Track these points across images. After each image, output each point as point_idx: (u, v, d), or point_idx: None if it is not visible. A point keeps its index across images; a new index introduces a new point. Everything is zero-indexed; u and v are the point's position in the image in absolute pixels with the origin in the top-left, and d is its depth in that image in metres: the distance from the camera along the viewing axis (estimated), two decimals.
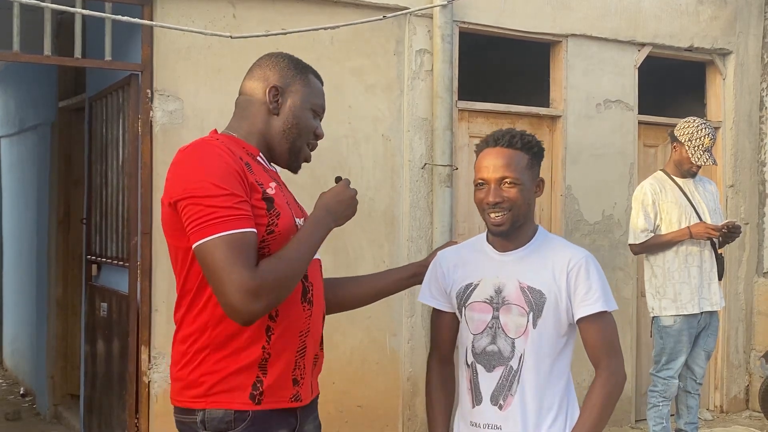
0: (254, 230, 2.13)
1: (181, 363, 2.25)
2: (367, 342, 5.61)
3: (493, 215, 2.55)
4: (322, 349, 2.42)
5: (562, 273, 2.56)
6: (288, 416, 2.25)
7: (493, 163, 2.55)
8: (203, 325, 2.20)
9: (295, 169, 2.46)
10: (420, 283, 2.78)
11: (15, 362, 8.66)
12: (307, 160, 2.46)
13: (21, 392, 7.95)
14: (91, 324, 5.90)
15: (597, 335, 2.57)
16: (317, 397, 2.43)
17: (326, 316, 2.48)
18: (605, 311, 2.56)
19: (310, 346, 2.31)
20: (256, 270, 2.08)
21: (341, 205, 2.38)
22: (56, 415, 7.01)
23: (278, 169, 2.48)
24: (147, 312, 5.00)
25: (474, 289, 2.63)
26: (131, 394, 5.04)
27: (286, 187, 2.42)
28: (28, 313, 7.80)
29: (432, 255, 2.81)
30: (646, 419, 5.33)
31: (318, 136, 2.45)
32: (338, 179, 2.49)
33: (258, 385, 2.18)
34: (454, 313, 2.70)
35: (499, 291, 2.59)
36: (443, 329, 2.75)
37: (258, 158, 2.34)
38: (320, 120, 2.46)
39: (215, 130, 2.40)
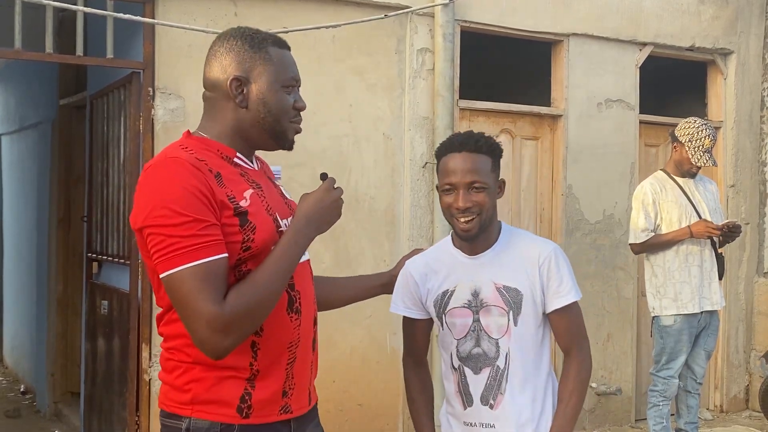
0: (223, 255, 1.99)
1: (167, 367, 2.14)
2: (367, 341, 5.61)
3: (462, 220, 2.56)
4: (316, 352, 2.31)
5: (533, 267, 2.60)
6: (280, 427, 2.16)
7: (461, 168, 2.55)
8: (187, 342, 2.07)
9: (288, 148, 2.28)
10: (390, 292, 2.78)
11: (15, 360, 8.67)
12: (298, 131, 2.27)
13: (21, 390, 7.96)
14: (91, 322, 5.90)
15: (568, 324, 2.65)
16: (316, 404, 2.34)
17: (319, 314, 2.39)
18: (575, 301, 2.63)
19: (301, 356, 2.20)
20: (224, 303, 1.96)
21: (323, 212, 2.20)
22: (56, 413, 7.01)
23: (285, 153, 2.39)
24: (148, 310, 5.00)
25: (451, 295, 2.66)
26: (132, 392, 5.04)
27: (272, 183, 2.30)
28: (29, 311, 7.80)
29: (400, 263, 2.79)
30: (646, 419, 5.33)
31: (299, 109, 2.24)
32: (323, 176, 2.30)
33: (246, 398, 2.09)
34: (427, 319, 2.75)
35: (476, 294, 2.62)
36: (417, 335, 2.80)
37: (235, 160, 2.18)
38: (298, 89, 2.26)
39: (188, 132, 2.22)
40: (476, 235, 2.59)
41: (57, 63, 6.35)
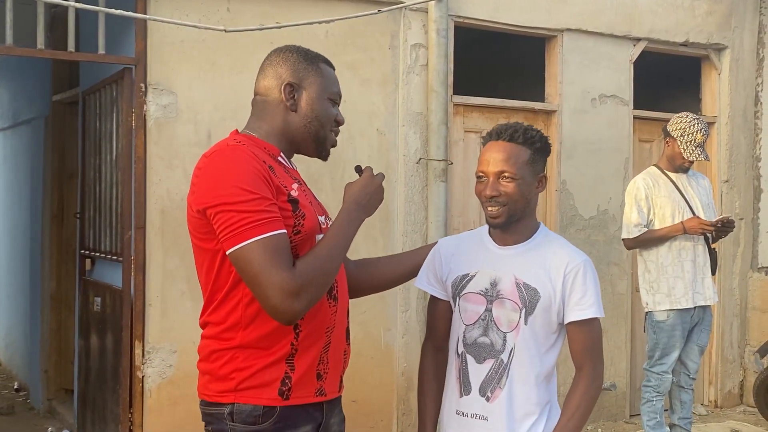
0: (285, 231, 2.18)
1: (211, 358, 2.28)
2: (361, 337, 5.60)
3: (490, 208, 2.57)
4: (349, 343, 2.46)
5: (558, 274, 2.57)
6: (314, 411, 2.31)
7: (493, 157, 2.57)
8: (234, 324, 2.23)
9: (324, 157, 2.49)
10: None
11: (9, 357, 8.65)
12: (334, 145, 2.49)
13: (15, 387, 7.94)
14: (84, 318, 5.88)
15: (585, 339, 2.60)
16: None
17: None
18: (596, 317, 2.58)
19: (335, 342, 2.35)
20: (294, 270, 2.13)
21: (369, 196, 2.41)
22: (50, 410, 6.99)
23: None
24: (141, 306, 4.98)
25: (470, 279, 2.64)
26: (125, 388, 5.03)
27: (306, 185, 2.45)
28: (22, 308, 7.78)
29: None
30: (640, 414, 5.33)
31: (339, 122, 2.47)
32: (358, 169, 2.51)
33: (287, 380, 2.23)
34: (450, 302, 2.71)
35: (494, 284, 2.60)
36: (439, 317, 2.76)
37: (279, 158, 2.35)
38: (338, 106, 2.49)
39: (236, 131, 2.40)
40: (504, 225, 2.58)
41: (49, 59, 6.33)
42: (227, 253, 2.15)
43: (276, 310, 2.13)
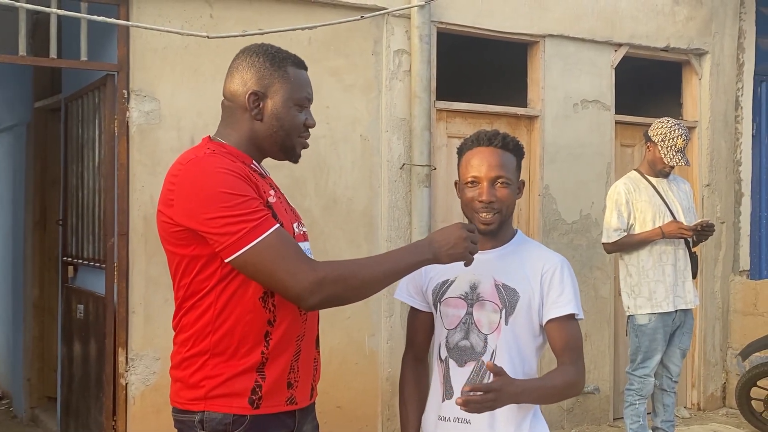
0: (279, 225, 2.19)
1: (182, 365, 2.27)
2: (346, 342, 5.60)
3: (484, 214, 2.57)
4: (319, 351, 2.45)
5: (536, 274, 2.59)
6: (285, 418, 2.29)
7: (488, 162, 2.57)
8: (203, 329, 2.22)
9: (295, 161, 2.45)
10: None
11: None
12: (305, 147, 2.44)
13: None
14: (67, 326, 5.86)
15: (565, 337, 2.58)
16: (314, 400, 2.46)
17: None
18: (575, 316, 2.58)
19: (305, 350, 2.34)
20: (312, 262, 2.16)
21: (445, 239, 2.34)
22: (33, 418, 6.95)
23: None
24: (124, 314, 4.97)
25: (450, 285, 2.65)
26: (108, 396, 5.01)
27: (280, 191, 2.43)
28: (4, 315, 7.73)
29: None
30: (623, 417, 5.35)
31: (309, 126, 2.40)
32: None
33: (257, 389, 2.22)
34: (430, 313, 2.73)
35: (474, 287, 2.61)
36: (419, 328, 2.78)
37: (252, 165, 2.32)
38: (309, 107, 2.42)
39: (209, 138, 2.36)
40: (495, 230, 2.60)
41: (31, 65, 6.30)
42: (228, 260, 2.13)
43: (299, 298, 2.14)
